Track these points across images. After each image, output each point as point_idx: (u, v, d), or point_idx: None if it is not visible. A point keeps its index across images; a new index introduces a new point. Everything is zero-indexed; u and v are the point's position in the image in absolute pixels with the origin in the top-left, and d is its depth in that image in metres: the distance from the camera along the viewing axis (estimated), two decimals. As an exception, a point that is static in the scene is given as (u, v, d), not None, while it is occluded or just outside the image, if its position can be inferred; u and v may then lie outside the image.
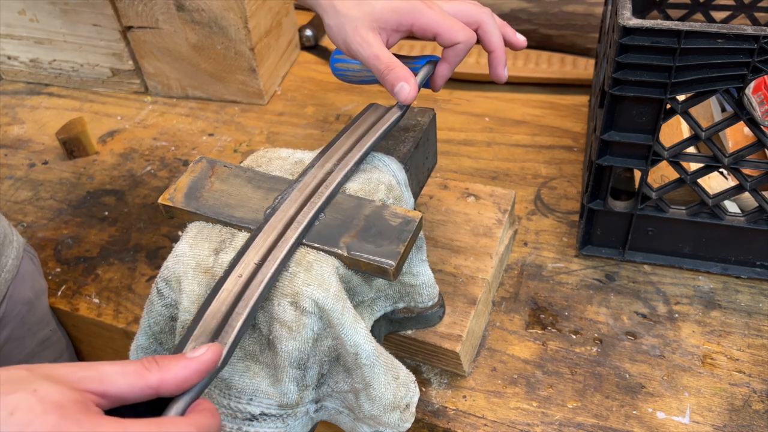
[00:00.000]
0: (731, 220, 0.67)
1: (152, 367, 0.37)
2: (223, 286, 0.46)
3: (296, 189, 0.52)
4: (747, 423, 0.59)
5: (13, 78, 1.18)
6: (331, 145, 0.56)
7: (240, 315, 0.44)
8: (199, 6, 0.95)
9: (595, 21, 1.02)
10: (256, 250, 0.48)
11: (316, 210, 0.51)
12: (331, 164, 0.54)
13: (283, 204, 0.51)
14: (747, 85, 0.58)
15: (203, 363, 0.39)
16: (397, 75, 0.55)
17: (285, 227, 0.49)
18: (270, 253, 0.48)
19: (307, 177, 0.53)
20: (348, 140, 0.56)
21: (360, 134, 0.57)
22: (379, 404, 0.50)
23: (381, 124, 0.57)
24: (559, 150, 0.91)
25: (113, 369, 0.36)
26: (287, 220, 0.50)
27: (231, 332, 0.43)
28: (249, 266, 0.47)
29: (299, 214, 0.50)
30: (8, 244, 0.71)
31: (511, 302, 0.71)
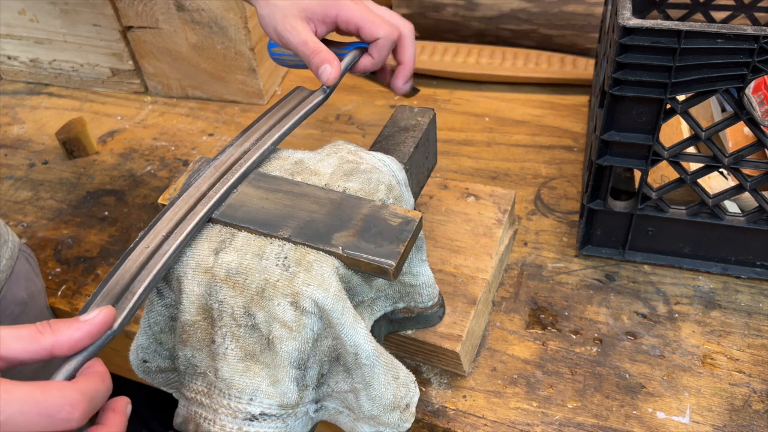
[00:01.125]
0: (731, 220, 0.67)
1: (45, 330, 0.39)
2: (130, 256, 0.47)
3: (212, 166, 0.54)
4: (747, 423, 0.59)
5: (13, 78, 1.18)
6: (251, 126, 0.58)
7: (141, 282, 0.46)
8: (199, 6, 0.95)
9: (595, 21, 1.02)
10: (165, 223, 0.50)
11: (228, 186, 0.52)
12: (249, 143, 0.56)
13: (198, 180, 0.53)
14: (747, 85, 0.58)
15: (95, 325, 0.40)
16: (321, 58, 0.59)
17: (196, 202, 0.51)
18: (177, 226, 0.49)
19: (224, 155, 0.55)
20: (269, 121, 0.58)
21: (281, 116, 0.59)
22: (379, 404, 0.50)
23: (303, 106, 0.59)
24: (559, 150, 0.91)
25: (7, 333, 0.38)
26: (199, 195, 0.52)
27: (131, 298, 0.45)
28: (157, 238, 0.49)
29: (211, 190, 0.52)
30: (2, 244, 0.71)
31: (511, 302, 0.71)
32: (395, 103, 1.03)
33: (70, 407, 0.36)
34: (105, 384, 0.39)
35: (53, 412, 0.35)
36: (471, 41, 1.12)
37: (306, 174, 0.55)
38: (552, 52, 1.05)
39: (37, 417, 0.35)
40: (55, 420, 0.35)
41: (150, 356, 0.54)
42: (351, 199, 0.53)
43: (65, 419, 0.36)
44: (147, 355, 0.54)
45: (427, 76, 1.08)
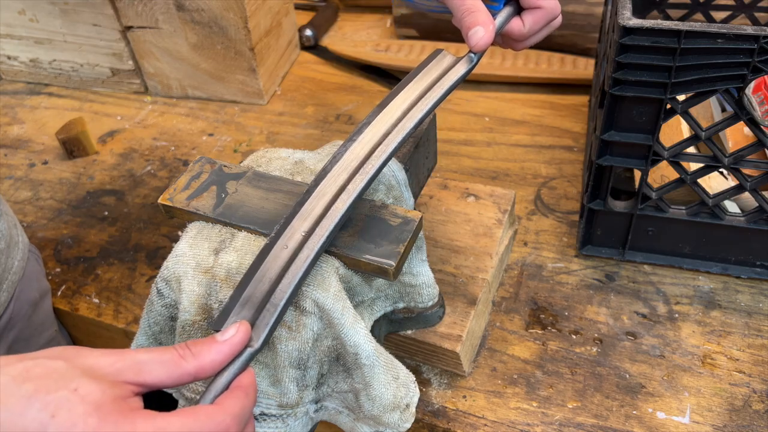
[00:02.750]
0: (731, 220, 0.67)
1: (187, 354, 0.38)
2: (268, 257, 0.42)
3: (349, 150, 0.47)
4: (747, 423, 0.59)
5: (13, 78, 1.18)
6: (389, 101, 0.50)
7: (283, 293, 0.42)
8: (199, 6, 0.95)
9: (595, 21, 1.02)
10: (303, 219, 0.44)
11: (368, 179, 0.46)
12: (387, 125, 0.49)
13: (335, 167, 0.47)
14: (747, 85, 0.58)
15: (234, 345, 0.39)
16: (475, 18, 0.52)
17: (337, 193, 0.46)
18: (318, 224, 0.44)
19: (363, 136, 0.48)
20: (411, 94, 0.51)
21: (425, 88, 0.51)
22: (379, 404, 0.50)
23: (449, 78, 0.52)
24: (559, 150, 0.91)
25: (150, 358, 0.37)
26: (339, 186, 0.46)
27: (273, 311, 0.41)
28: (296, 236, 0.43)
29: (350, 182, 0.46)
30: (14, 246, 0.71)
31: (511, 302, 0.71)
32: (395, 103, 1.03)
33: (228, 427, 0.36)
34: (250, 399, 0.39)
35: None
36: (471, 41, 1.12)
37: (306, 174, 0.55)
38: (552, 52, 1.05)
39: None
40: None
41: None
42: (351, 199, 0.53)
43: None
44: None
45: (427, 76, 1.07)
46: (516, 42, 0.59)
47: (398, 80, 1.07)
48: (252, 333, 0.41)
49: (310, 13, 1.25)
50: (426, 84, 0.52)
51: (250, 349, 0.40)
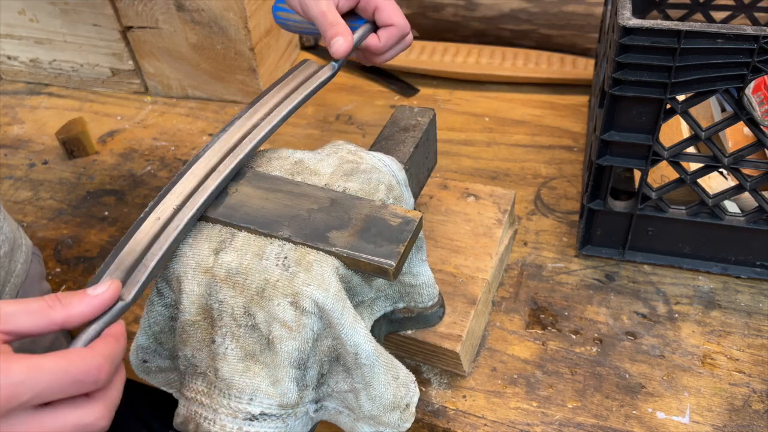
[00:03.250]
0: (731, 220, 0.68)
1: (56, 305, 0.40)
2: (141, 227, 0.48)
3: (221, 140, 0.54)
4: (747, 423, 0.59)
5: (13, 78, 1.18)
6: (259, 99, 0.57)
7: (154, 255, 0.46)
8: (199, 6, 0.95)
9: (595, 21, 1.02)
10: (176, 196, 0.50)
11: (238, 162, 0.52)
12: (258, 117, 0.56)
13: (207, 153, 0.53)
14: (747, 85, 0.58)
15: (104, 300, 0.42)
16: (336, 30, 0.61)
17: (206, 176, 0.51)
18: (189, 199, 0.50)
19: (233, 128, 0.55)
20: (277, 95, 0.58)
21: (290, 90, 0.58)
22: (379, 404, 0.50)
23: (312, 82, 0.60)
24: (559, 150, 0.91)
25: (18, 309, 0.39)
26: (209, 169, 0.52)
27: (144, 271, 0.45)
28: (168, 210, 0.49)
29: (221, 164, 0.52)
30: (17, 248, 0.71)
31: (511, 302, 0.71)
32: (395, 103, 1.03)
33: (96, 371, 0.38)
34: (120, 344, 0.41)
35: (81, 378, 0.37)
36: (471, 41, 1.12)
37: (306, 174, 0.55)
38: (552, 52, 1.06)
39: (67, 386, 0.37)
40: (85, 384, 0.37)
41: (150, 356, 0.54)
42: (351, 199, 0.53)
43: (93, 382, 0.38)
44: (147, 355, 0.54)
45: (427, 76, 1.08)
46: (374, 56, 0.66)
47: (398, 80, 1.08)
48: (124, 289, 0.44)
49: (310, 13, 1.25)
50: (292, 86, 0.59)
51: (121, 303, 0.43)
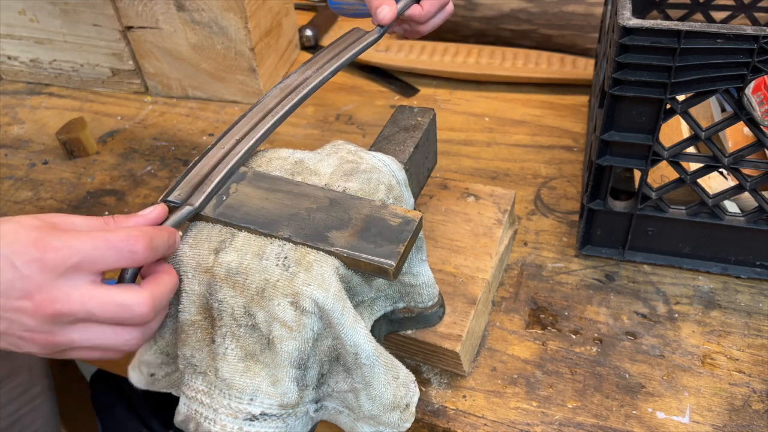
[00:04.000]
0: (731, 220, 0.68)
1: (110, 222, 0.46)
2: (208, 154, 0.55)
3: (278, 88, 0.62)
4: (747, 423, 0.59)
5: (13, 78, 1.18)
6: (312, 59, 0.65)
7: (219, 173, 0.54)
8: (199, 6, 0.95)
9: (595, 21, 1.02)
10: (238, 130, 0.58)
11: (293, 104, 0.60)
12: (310, 71, 0.63)
13: (265, 99, 0.61)
14: (747, 85, 0.58)
15: (151, 219, 0.48)
16: (380, 1, 0.67)
17: (264, 115, 0.59)
18: (249, 132, 0.57)
19: (287, 80, 0.63)
20: (327, 55, 0.66)
21: (338, 51, 0.66)
22: (379, 404, 0.50)
23: (358, 43, 0.67)
24: (559, 150, 0.91)
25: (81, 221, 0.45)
26: (266, 110, 0.59)
27: (209, 184, 0.53)
28: (231, 141, 0.57)
29: (278, 106, 0.60)
30: None
31: (511, 302, 0.71)
32: (395, 103, 1.03)
33: (134, 239, 0.43)
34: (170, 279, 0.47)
35: (121, 246, 0.42)
36: (471, 41, 1.12)
37: (306, 174, 0.56)
38: (552, 52, 1.06)
39: (107, 251, 0.42)
40: (123, 252, 0.43)
41: (156, 369, 0.54)
42: (351, 199, 0.53)
43: (131, 251, 0.43)
44: (153, 369, 0.54)
45: (427, 76, 1.08)
46: (418, 25, 0.72)
47: (398, 80, 1.08)
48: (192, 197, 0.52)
49: (310, 13, 1.25)
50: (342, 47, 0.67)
51: (188, 207, 0.51)
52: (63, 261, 0.40)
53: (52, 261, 0.40)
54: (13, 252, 0.40)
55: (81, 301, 0.41)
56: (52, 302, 0.40)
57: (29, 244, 0.40)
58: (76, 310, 0.41)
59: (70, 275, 0.41)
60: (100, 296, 0.42)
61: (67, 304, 0.40)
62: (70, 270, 0.41)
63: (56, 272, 0.40)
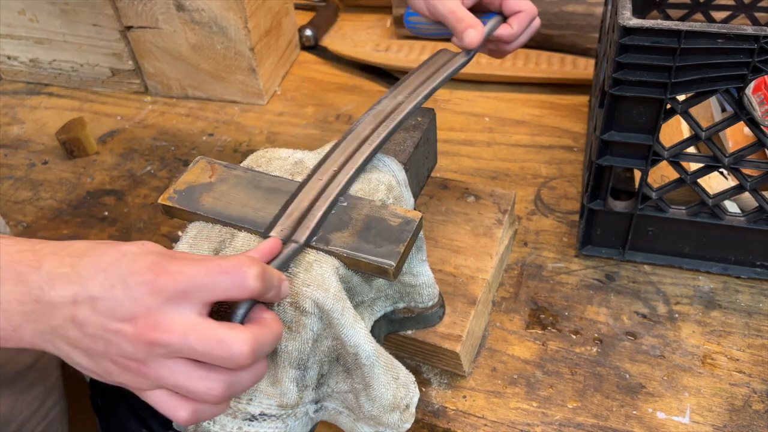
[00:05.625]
0: (731, 220, 0.67)
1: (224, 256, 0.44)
2: (305, 187, 0.53)
3: (371, 115, 0.59)
4: (747, 423, 0.59)
5: (13, 78, 1.18)
6: (402, 81, 0.63)
7: (320, 207, 0.51)
8: (199, 6, 0.95)
9: (595, 21, 1.02)
10: (333, 162, 0.55)
11: (389, 131, 0.57)
12: (402, 96, 0.61)
13: (359, 127, 0.58)
14: (747, 85, 0.58)
15: (264, 252, 0.46)
16: (467, 24, 0.64)
17: (360, 143, 0.56)
18: (347, 163, 0.55)
19: (380, 105, 0.60)
20: (419, 78, 0.63)
21: (429, 74, 0.63)
22: (379, 404, 0.50)
23: (449, 66, 0.64)
24: (559, 150, 0.91)
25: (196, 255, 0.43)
26: (362, 138, 0.57)
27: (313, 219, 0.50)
28: (328, 172, 0.54)
29: (373, 134, 0.57)
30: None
31: (511, 302, 0.71)
32: (395, 103, 1.03)
33: (247, 265, 0.40)
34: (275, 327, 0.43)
35: (233, 272, 0.40)
36: (471, 41, 1.12)
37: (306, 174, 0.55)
38: (552, 52, 1.05)
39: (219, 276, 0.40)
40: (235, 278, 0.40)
41: None
42: (351, 199, 0.53)
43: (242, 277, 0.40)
44: None
45: (427, 76, 1.07)
46: (507, 44, 0.69)
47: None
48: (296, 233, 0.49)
49: (310, 13, 1.25)
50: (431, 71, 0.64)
51: (294, 245, 0.48)
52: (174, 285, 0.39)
53: (163, 285, 0.39)
54: (129, 272, 0.39)
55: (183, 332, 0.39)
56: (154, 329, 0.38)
57: (146, 267, 0.39)
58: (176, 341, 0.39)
59: (179, 302, 0.39)
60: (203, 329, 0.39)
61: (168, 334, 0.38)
62: (180, 296, 0.39)
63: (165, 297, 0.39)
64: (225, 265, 0.40)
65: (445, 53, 0.66)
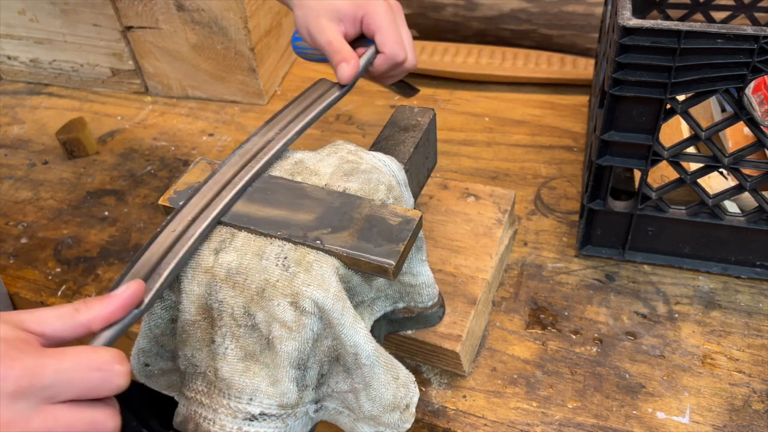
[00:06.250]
0: (731, 220, 0.67)
1: (81, 307, 0.42)
2: (157, 239, 0.49)
3: (237, 155, 0.55)
4: (747, 423, 0.59)
5: (13, 78, 1.18)
6: (275, 117, 0.60)
7: (168, 264, 0.47)
8: (199, 6, 0.95)
9: (595, 21, 1.02)
10: (192, 208, 0.51)
11: (253, 173, 0.54)
12: (272, 133, 0.58)
13: (223, 168, 0.54)
14: (747, 85, 0.58)
15: (125, 299, 0.43)
16: (341, 57, 0.61)
17: (222, 188, 0.53)
18: (203, 211, 0.51)
19: (248, 144, 0.57)
20: (291, 113, 0.60)
21: (302, 108, 0.61)
22: (379, 404, 0.50)
23: (321, 101, 0.61)
24: (559, 150, 0.91)
25: (49, 313, 0.41)
26: (225, 181, 0.53)
27: (158, 279, 0.46)
28: (183, 222, 0.50)
29: (236, 177, 0.54)
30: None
31: (511, 302, 0.71)
32: (395, 103, 1.03)
33: (119, 364, 0.39)
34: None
35: (105, 367, 0.38)
36: (471, 41, 1.12)
37: (306, 174, 0.55)
38: (552, 52, 1.05)
39: (89, 372, 0.38)
40: (106, 374, 0.38)
41: (151, 359, 0.54)
42: (351, 199, 0.53)
43: (116, 374, 0.39)
44: (148, 358, 0.54)
45: (427, 76, 1.08)
46: (373, 78, 0.67)
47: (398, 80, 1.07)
48: None
49: (310, 13, 1.25)
50: (304, 105, 0.61)
51: (135, 310, 0.44)
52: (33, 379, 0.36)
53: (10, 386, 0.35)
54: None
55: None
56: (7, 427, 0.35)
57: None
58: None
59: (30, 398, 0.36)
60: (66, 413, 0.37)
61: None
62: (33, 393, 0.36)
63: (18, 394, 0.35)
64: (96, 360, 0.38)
65: (324, 83, 0.63)
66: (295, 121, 0.59)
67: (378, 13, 0.63)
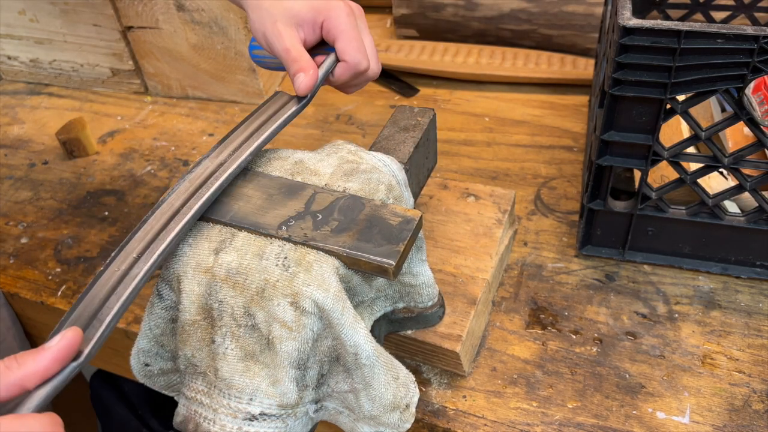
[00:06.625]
0: (731, 220, 0.67)
1: (12, 364, 0.38)
2: (99, 280, 0.45)
3: (187, 180, 0.52)
4: (747, 423, 0.59)
5: (13, 78, 1.18)
6: (228, 136, 0.56)
7: (110, 309, 0.44)
8: (199, 6, 0.95)
9: (595, 21, 1.02)
10: (137, 243, 0.48)
11: (203, 202, 0.50)
12: (225, 155, 0.54)
13: (171, 196, 0.51)
14: (747, 85, 0.58)
15: (60, 351, 0.39)
16: (299, 66, 0.58)
17: (169, 219, 0.49)
18: (149, 246, 0.47)
19: (199, 168, 0.53)
20: (245, 131, 0.57)
21: (257, 126, 0.57)
22: (379, 404, 0.50)
23: (279, 116, 0.58)
24: (559, 150, 0.91)
25: None
26: (172, 212, 0.50)
27: (99, 326, 0.43)
28: (128, 260, 0.47)
29: (184, 207, 0.50)
30: None
31: (511, 302, 0.71)
32: (395, 103, 1.03)
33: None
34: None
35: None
36: (471, 41, 1.12)
37: (306, 174, 0.55)
38: (552, 52, 1.05)
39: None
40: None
41: (152, 359, 0.54)
42: (351, 199, 0.53)
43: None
44: (149, 358, 0.54)
45: (427, 76, 1.08)
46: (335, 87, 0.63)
47: (398, 80, 1.08)
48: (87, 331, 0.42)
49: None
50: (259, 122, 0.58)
51: (72, 364, 0.40)
52: None
53: None
54: None
55: None
56: None
57: None
58: None
59: None
60: None
61: None
62: None
63: None
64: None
65: (281, 96, 0.60)
66: (248, 141, 0.55)
67: (339, 19, 0.59)
